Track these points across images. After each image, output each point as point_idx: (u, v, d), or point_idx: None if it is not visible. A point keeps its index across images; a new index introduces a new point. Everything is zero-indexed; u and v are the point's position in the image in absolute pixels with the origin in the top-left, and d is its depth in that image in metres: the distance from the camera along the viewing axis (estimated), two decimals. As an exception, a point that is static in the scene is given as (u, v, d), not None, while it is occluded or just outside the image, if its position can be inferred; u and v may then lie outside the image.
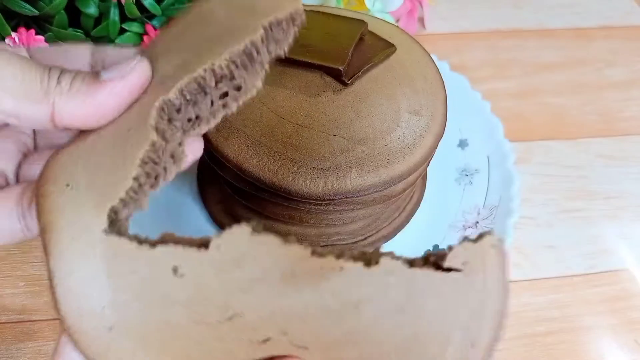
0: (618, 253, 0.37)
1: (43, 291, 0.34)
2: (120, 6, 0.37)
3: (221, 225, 0.35)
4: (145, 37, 0.38)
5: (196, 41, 0.20)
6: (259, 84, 0.20)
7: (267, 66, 0.20)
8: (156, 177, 0.19)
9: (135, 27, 0.38)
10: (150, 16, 0.39)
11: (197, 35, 0.20)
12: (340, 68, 0.28)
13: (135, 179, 0.18)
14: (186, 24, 0.21)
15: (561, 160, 0.42)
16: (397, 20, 0.48)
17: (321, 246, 0.34)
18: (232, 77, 0.19)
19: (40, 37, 0.35)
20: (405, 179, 0.29)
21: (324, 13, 0.32)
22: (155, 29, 0.37)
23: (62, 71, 0.18)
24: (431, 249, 0.35)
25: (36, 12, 0.35)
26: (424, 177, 0.38)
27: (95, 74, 0.18)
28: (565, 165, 0.42)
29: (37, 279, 0.34)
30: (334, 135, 0.28)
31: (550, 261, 0.37)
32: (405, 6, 0.48)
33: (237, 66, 0.19)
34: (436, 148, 0.30)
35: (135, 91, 0.19)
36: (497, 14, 0.53)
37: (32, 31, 0.35)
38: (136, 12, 0.37)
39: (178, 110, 0.19)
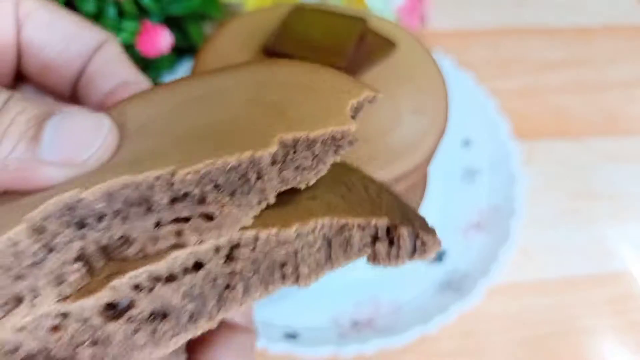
0: (621, 254, 0.37)
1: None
2: (117, 3, 0.37)
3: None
4: (142, 35, 0.38)
5: (179, 127, 0.14)
6: (246, 220, 0.13)
7: (271, 198, 0.13)
8: (17, 300, 0.12)
9: (132, 25, 0.37)
10: (148, 14, 0.38)
11: (185, 118, 0.14)
12: (341, 66, 0.28)
13: None
14: (183, 94, 0.15)
15: (565, 159, 0.42)
16: (399, 18, 0.48)
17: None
18: (202, 200, 0.13)
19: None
20: (407, 178, 0.28)
21: (324, 11, 0.32)
22: (153, 26, 0.37)
23: (12, 97, 0.14)
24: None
25: (33, 10, 0.35)
26: (426, 177, 0.37)
27: (43, 119, 0.13)
28: (568, 164, 0.42)
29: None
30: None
31: (553, 262, 0.36)
32: (406, 4, 0.47)
33: (216, 187, 0.12)
34: (438, 147, 0.30)
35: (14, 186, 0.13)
36: (500, 13, 0.53)
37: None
38: (134, 10, 0.37)
39: (100, 218, 0.12)
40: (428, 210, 0.36)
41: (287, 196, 0.14)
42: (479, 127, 0.39)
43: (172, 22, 0.38)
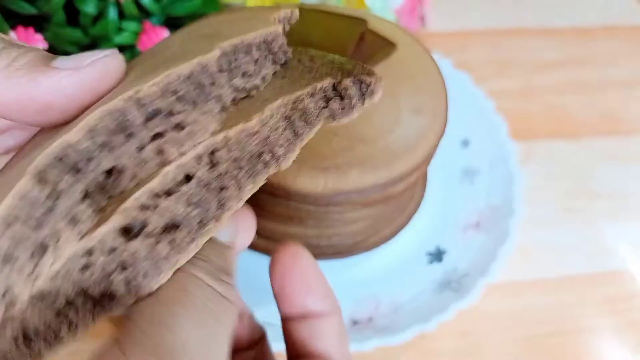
0: (620, 253, 0.37)
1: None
2: (118, 5, 0.37)
3: (220, 226, 0.35)
4: (142, 35, 0.38)
5: (140, 69, 0.15)
6: (214, 124, 0.14)
7: (229, 104, 0.15)
8: (42, 248, 0.13)
9: (133, 26, 0.38)
10: (149, 15, 0.38)
11: (146, 64, 0.16)
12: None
13: None
14: (143, 56, 0.17)
15: (563, 159, 0.42)
16: (398, 19, 0.48)
17: (321, 247, 0.33)
18: (170, 113, 0.14)
19: (39, 36, 0.35)
20: (406, 178, 0.28)
21: (324, 11, 0.32)
22: (153, 27, 0.37)
23: (9, 44, 0.15)
24: (432, 250, 0.35)
25: (35, 11, 0.35)
26: (425, 177, 0.37)
27: (48, 56, 0.15)
28: (567, 164, 0.42)
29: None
30: (334, 135, 0.28)
31: (552, 261, 0.37)
32: (406, 4, 0.47)
33: (178, 98, 0.14)
34: (437, 147, 0.30)
35: (92, 94, 0.14)
36: (499, 13, 0.53)
37: (31, 30, 0.34)
38: (134, 11, 0.37)
39: (89, 159, 0.13)
40: (427, 210, 0.36)
41: (242, 102, 0.15)
42: (478, 127, 0.40)
43: (173, 23, 0.38)
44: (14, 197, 0.12)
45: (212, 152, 0.14)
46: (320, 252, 0.33)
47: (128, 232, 0.13)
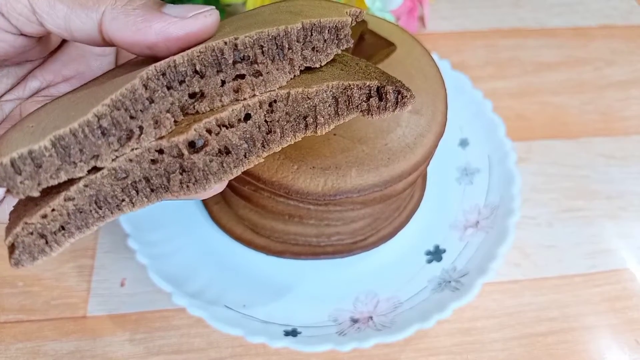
0: (619, 253, 0.37)
1: (42, 291, 0.34)
2: None
3: (221, 225, 0.35)
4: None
5: (234, 26, 0.19)
6: (282, 81, 0.18)
7: (297, 69, 0.19)
8: (129, 134, 0.17)
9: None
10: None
11: (238, 24, 0.19)
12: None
13: (97, 117, 0.16)
14: (233, 18, 0.21)
15: (562, 159, 0.42)
16: (397, 19, 0.48)
17: (321, 246, 0.33)
18: (255, 61, 0.18)
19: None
20: (405, 178, 0.28)
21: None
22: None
23: None
24: (432, 249, 0.35)
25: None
26: (424, 177, 0.38)
27: (159, 3, 0.18)
28: (566, 164, 0.42)
29: (36, 279, 0.34)
30: (334, 135, 0.28)
31: (551, 261, 0.37)
32: (405, 5, 0.47)
33: (262, 52, 0.18)
34: (437, 147, 0.30)
35: (190, 40, 0.18)
36: (498, 13, 0.53)
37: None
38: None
39: (181, 82, 0.17)
40: (427, 209, 0.36)
41: (306, 74, 0.19)
42: (477, 127, 0.40)
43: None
44: (127, 89, 0.16)
45: (274, 102, 0.18)
46: (320, 251, 0.33)
47: (192, 145, 0.17)
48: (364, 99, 0.19)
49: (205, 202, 0.36)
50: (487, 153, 0.39)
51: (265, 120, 0.18)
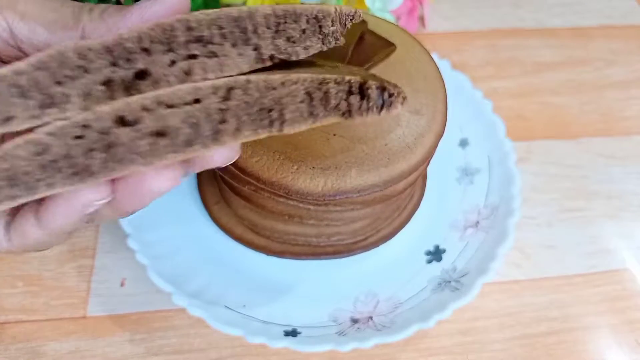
0: (619, 253, 0.37)
1: (42, 291, 0.34)
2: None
3: (221, 225, 0.35)
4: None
5: None
6: (244, 67, 0.16)
7: (266, 60, 0.17)
8: (52, 101, 0.15)
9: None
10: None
11: None
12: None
13: (16, 72, 0.15)
14: None
15: (562, 159, 0.42)
16: (398, 19, 0.48)
17: (321, 246, 0.33)
18: (210, 42, 0.16)
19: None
20: (405, 178, 0.28)
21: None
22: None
23: (97, 4, 0.18)
24: (432, 249, 0.35)
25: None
26: (424, 177, 0.38)
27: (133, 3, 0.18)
28: (566, 164, 0.42)
29: (35, 279, 0.34)
30: (334, 135, 0.28)
31: (551, 261, 0.37)
32: (405, 5, 0.47)
33: (222, 34, 0.16)
34: (437, 147, 0.30)
35: (170, 5, 0.17)
36: (498, 13, 0.53)
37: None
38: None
39: (128, 60, 0.16)
40: (427, 209, 0.36)
41: (282, 70, 0.17)
42: (477, 127, 0.40)
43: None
44: (54, 50, 0.15)
45: (231, 89, 0.16)
46: (320, 251, 0.33)
47: (123, 122, 0.15)
48: (343, 97, 0.16)
49: (205, 202, 0.36)
50: (487, 153, 0.39)
51: (219, 108, 0.16)
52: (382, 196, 0.29)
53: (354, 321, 0.31)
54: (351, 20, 0.18)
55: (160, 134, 0.15)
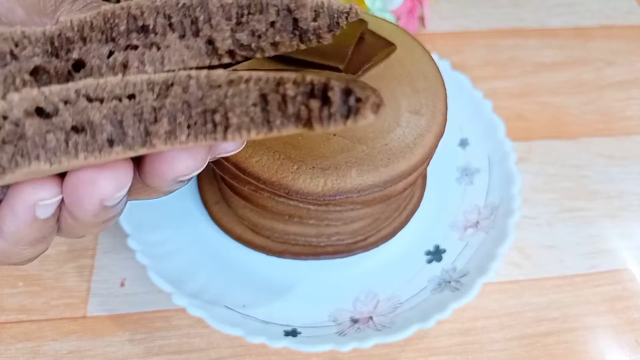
0: (619, 253, 0.37)
1: (42, 291, 0.34)
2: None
3: (221, 225, 0.35)
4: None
5: None
6: (191, 62, 0.14)
7: (224, 55, 0.15)
8: None
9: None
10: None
11: None
12: (340, 67, 0.28)
13: None
14: None
15: (562, 159, 0.42)
16: (398, 19, 0.48)
17: (321, 246, 0.33)
18: (153, 31, 0.14)
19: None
20: (405, 178, 0.28)
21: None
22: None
23: None
24: (432, 249, 0.35)
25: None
26: (424, 177, 0.38)
27: None
28: (566, 164, 0.42)
29: (36, 279, 0.34)
30: (334, 135, 0.28)
31: (551, 261, 0.37)
32: (405, 5, 0.47)
33: (170, 24, 0.14)
34: (437, 147, 0.30)
35: None
36: (498, 13, 0.53)
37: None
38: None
39: (68, 51, 0.14)
40: (427, 209, 0.36)
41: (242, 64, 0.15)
42: (477, 127, 0.40)
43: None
44: None
45: (170, 85, 0.13)
46: (320, 251, 0.33)
47: (40, 114, 0.13)
48: (303, 100, 0.13)
49: (205, 202, 0.36)
50: (487, 153, 0.39)
51: (153, 107, 0.13)
52: (382, 196, 0.29)
53: (354, 321, 0.31)
54: (346, 17, 0.15)
55: (76, 129, 0.13)
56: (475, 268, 0.32)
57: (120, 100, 0.13)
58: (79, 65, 0.14)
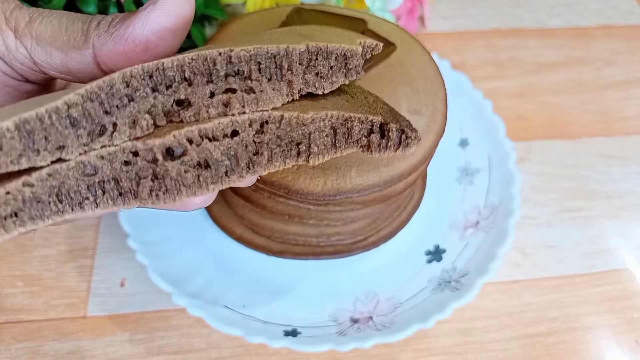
0: (619, 253, 0.37)
1: (42, 291, 0.34)
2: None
3: (221, 225, 0.35)
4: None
5: (242, 40, 0.18)
6: (277, 102, 0.17)
7: (296, 93, 0.18)
8: (101, 130, 0.16)
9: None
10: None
11: (247, 38, 0.19)
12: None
13: (68, 105, 0.15)
14: (245, 34, 0.20)
15: (562, 159, 0.42)
16: (398, 19, 0.48)
17: (321, 246, 0.33)
18: (249, 77, 0.17)
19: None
20: (405, 178, 0.28)
21: (324, 11, 0.32)
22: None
23: (104, 16, 0.18)
24: (432, 249, 0.35)
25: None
26: (424, 177, 0.38)
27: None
28: (565, 164, 0.42)
29: (35, 279, 0.34)
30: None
31: (551, 261, 0.37)
32: (405, 5, 0.47)
33: (259, 68, 0.17)
34: (437, 147, 0.30)
35: (172, 22, 0.17)
36: (498, 13, 0.53)
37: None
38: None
39: (168, 87, 0.16)
40: (427, 209, 0.36)
41: (307, 100, 0.18)
42: (477, 127, 0.40)
43: (173, 23, 0.38)
44: (103, 81, 0.15)
45: (265, 122, 0.17)
46: (320, 251, 0.33)
47: (170, 153, 0.16)
48: (365, 134, 0.18)
49: (205, 202, 0.36)
50: (487, 153, 0.39)
51: (254, 141, 0.17)
52: (382, 196, 0.29)
53: (354, 321, 0.31)
54: (371, 52, 0.19)
55: (203, 165, 0.16)
56: (475, 268, 0.32)
57: (228, 137, 0.17)
58: (181, 102, 0.17)
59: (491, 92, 0.45)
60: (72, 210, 0.16)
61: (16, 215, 0.15)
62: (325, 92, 0.18)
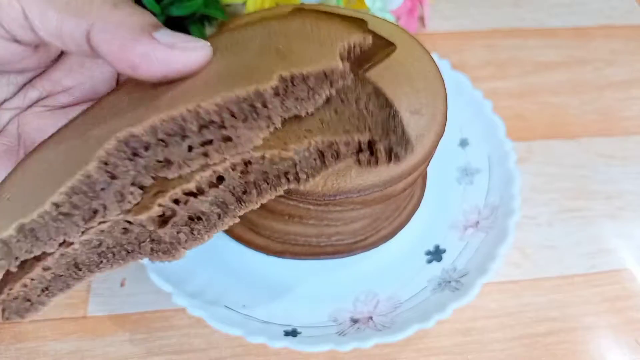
0: (619, 253, 0.37)
1: (42, 291, 0.34)
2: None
3: (221, 225, 0.35)
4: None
5: (212, 71, 0.18)
6: (257, 140, 0.17)
7: (277, 122, 0.17)
8: (93, 212, 0.17)
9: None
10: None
11: (217, 65, 0.18)
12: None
13: (56, 205, 0.16)
14: (226, 42, 0.19)
15: (562, 159, 0.42)
16: (398, 19, 0.48)
17: (321, 246, 0.33)
18: (222, 126, 0.17)
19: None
20: (405, 178, 0.28)
21: (324, 11, 0.32)
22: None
23: (131, 2, 0.18)
24: (432, 249, 0.35)
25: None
26: (424, 177, 0.38)
27: (155, 25, 0.17)
28: (565, 164, 0.42)
29: (35, 279, 0.34)
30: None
31: (551, 261, 0.37)
32: (405, 5, 0.47)
33: (232, 115, 0.16)
34: (437, 147, 0.30)
35: (173, 72, 0.17)
36: (498, 13, 0.53)
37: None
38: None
39: (146, 148, 0.17)
40: (427, 209, 0.36)
41: (292, 122, 0.18)
42: (477, 127, 0.40)
43: (174, 24, 0.38)
44: (82, 174, 0.16)
45: (248, 162, 0.17)
46: (320, 251, 0.33)
47: (160, 216, 0.17)
48: (353, 152, 0.18)
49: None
50: (487, 153, 0.39)
51: (240, 182, 0.17)
52: (382, 196, 0.29)
53: (354, 321, 0.31)
54: (360, 47, 0.19)
55: (195, 218, 0.17)
56: (475, 268, 0.32)
57: (216, 185, 0.17)
58: (162, 161, 0.17)
59: (491, 92, 0.45)
60: (92, 272, 0.18)
61: (47, 289, 0.18)
62: (310, 112, 0.18)
